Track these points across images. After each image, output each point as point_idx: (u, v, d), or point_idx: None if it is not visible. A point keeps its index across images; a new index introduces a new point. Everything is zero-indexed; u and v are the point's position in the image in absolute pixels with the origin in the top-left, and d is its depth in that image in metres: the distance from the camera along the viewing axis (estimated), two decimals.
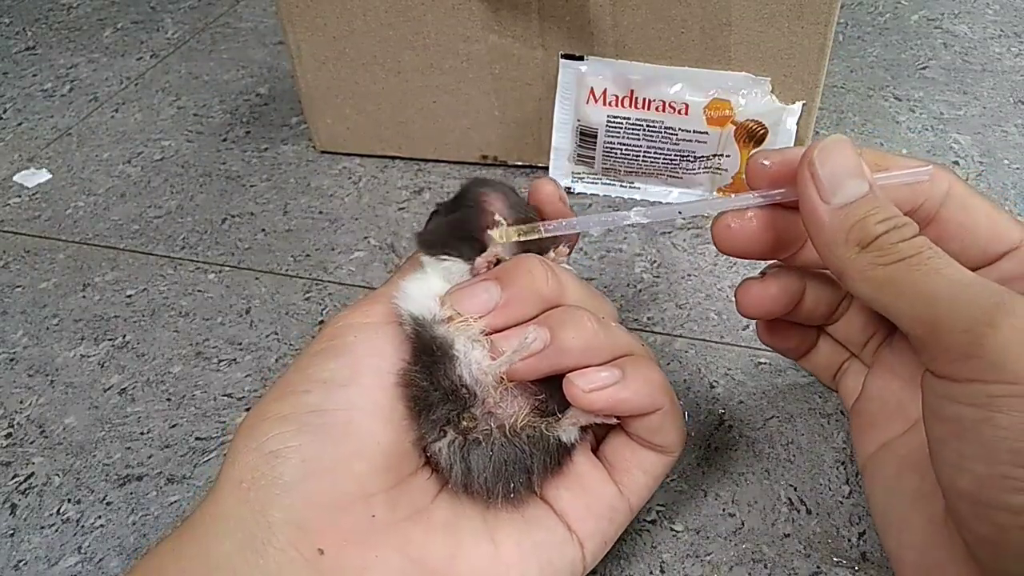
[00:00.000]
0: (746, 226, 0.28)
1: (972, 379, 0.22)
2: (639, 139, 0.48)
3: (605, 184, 0.51)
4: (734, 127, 0.46)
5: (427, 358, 0.27)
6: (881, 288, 0.24)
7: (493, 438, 0.27)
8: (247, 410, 0.27)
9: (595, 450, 0.30)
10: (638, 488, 0.29)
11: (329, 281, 0.47)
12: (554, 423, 0.28)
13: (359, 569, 0.25)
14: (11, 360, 0.43)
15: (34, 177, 0.57)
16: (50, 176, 0.57)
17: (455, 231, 0.30)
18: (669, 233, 0.48)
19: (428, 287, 0.29)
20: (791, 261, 0.30)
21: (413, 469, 0.27)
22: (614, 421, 0.28)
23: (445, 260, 0.29)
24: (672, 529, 0.33)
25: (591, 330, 0.27)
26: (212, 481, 0.26)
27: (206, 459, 0.37)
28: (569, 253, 0.32)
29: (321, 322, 0.44)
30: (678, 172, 0.49)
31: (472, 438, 0.27)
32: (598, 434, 0.30)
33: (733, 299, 0.43)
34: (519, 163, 0.53)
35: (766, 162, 0.28)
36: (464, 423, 0.27)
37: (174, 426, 0.39)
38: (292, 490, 0.25)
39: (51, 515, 0.36)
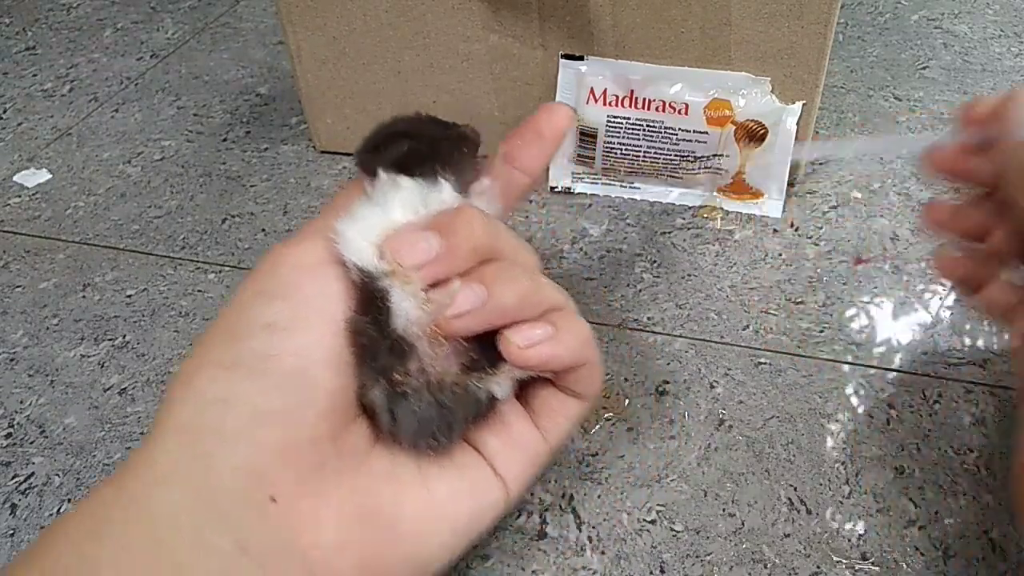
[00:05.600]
0: (947, 157, 0.32)
1: None
2: (639, 139, 0.48)
3: (605, 184, 0.51)
4: (734, 127, 0.46)
5: (374, 309, 0.27)
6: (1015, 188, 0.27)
7: (420, 394, 0.27)
8: None
9: (517, 396, 0.31)
10: (559, 433, 0.31)
11: None
12: (486, 377, 0.28)
13: (312, 515, 0.25)
14: (11, 360, 0.43)
15: (34, 177, 0.57)
16: (50, 176, 0.57)
17: (456, 147, 0.29)
18: (669, 233, 0.48)
19: (367, 228, 0.28)
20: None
21: (353, 417, 0.27)
22: (548, 375, 0.29)
23: (425, 181, 0.29)
24: (672, 529, 0.33)
25: (525, 287, 0.28)
26: None
27: None
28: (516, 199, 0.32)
29: None
30: (678, 172, 0.49)
31: (400, 391, 0.27)
32: (520, 380, 0.31)
33: (733, 299, 0.43)
34: None
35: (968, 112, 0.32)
36: (396, 376, 0.27)
37: None
38: (242, 437, 0.24)
39: (51, 515, 0.36)
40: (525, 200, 0.34)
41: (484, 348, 0.28)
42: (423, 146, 0.29)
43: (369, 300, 0.27)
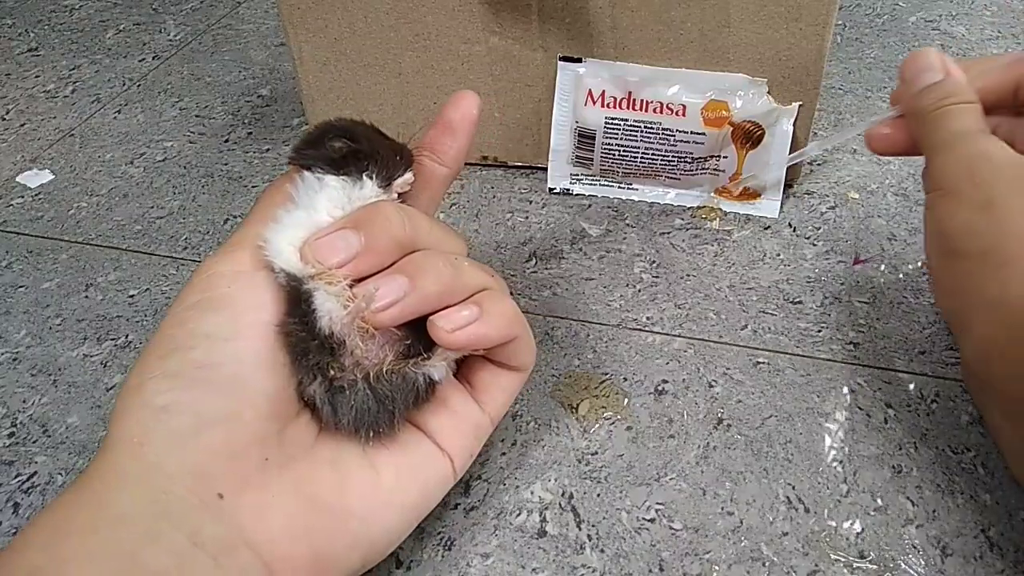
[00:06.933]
0: (886, 131, 0.36)
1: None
2: (637, 140, 0.48)
3: (603, 185, 0.51)
4: (731, 128, 0.46)
5: (301, 311, 0.28)
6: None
7: (357, 387, 0.28)
8: None
9: (456, 372, 0.32)
10: (497, 405, 0.32)
11: None
12: (423, 362, 0.29)
13: (259, 509, 0.26)
14: (14, 360, 0.44)
15: (37, 178, 0.57)
16: (53, 177, 0.57)
17: (386, 147, 0.31)
18: (668, 233, 0.48)
19: (294, 233, 0.29)
20: None
21: (296, 412, 0.28)
22: (480, 353, 0.31)
23: (350, 179, 0.30)
24: (671, 527, 0.34)
25: (448, 273, 0.29)
26: None
27: None
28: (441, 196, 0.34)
29: None
30: (676, 173, 0.49)
31: (337, 385, 0.28)
32: (458, 357, 0.32)
33: (732, 299, 0.44)
34: (519, 164, 0.53)
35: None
36: (332, 372, 0.28)
37: None
38: (187, 442, 0.25)
39: None
40: (448, 189, 0.35)
41: (418, 334, 0.29)
42: (362, 147, 0.30)
43: (296, 302, 0.28)
